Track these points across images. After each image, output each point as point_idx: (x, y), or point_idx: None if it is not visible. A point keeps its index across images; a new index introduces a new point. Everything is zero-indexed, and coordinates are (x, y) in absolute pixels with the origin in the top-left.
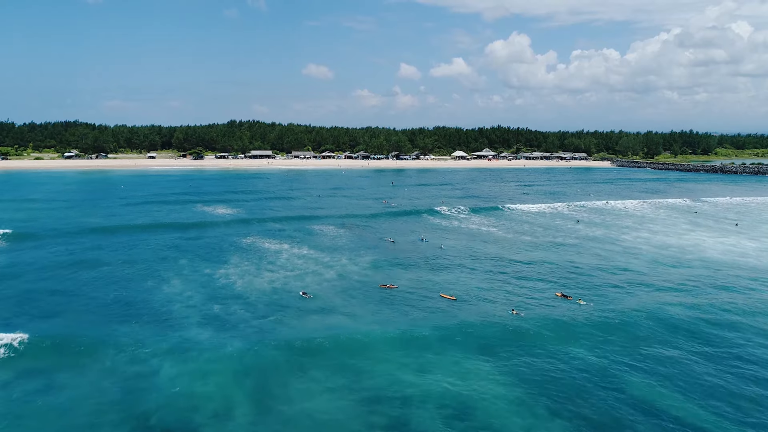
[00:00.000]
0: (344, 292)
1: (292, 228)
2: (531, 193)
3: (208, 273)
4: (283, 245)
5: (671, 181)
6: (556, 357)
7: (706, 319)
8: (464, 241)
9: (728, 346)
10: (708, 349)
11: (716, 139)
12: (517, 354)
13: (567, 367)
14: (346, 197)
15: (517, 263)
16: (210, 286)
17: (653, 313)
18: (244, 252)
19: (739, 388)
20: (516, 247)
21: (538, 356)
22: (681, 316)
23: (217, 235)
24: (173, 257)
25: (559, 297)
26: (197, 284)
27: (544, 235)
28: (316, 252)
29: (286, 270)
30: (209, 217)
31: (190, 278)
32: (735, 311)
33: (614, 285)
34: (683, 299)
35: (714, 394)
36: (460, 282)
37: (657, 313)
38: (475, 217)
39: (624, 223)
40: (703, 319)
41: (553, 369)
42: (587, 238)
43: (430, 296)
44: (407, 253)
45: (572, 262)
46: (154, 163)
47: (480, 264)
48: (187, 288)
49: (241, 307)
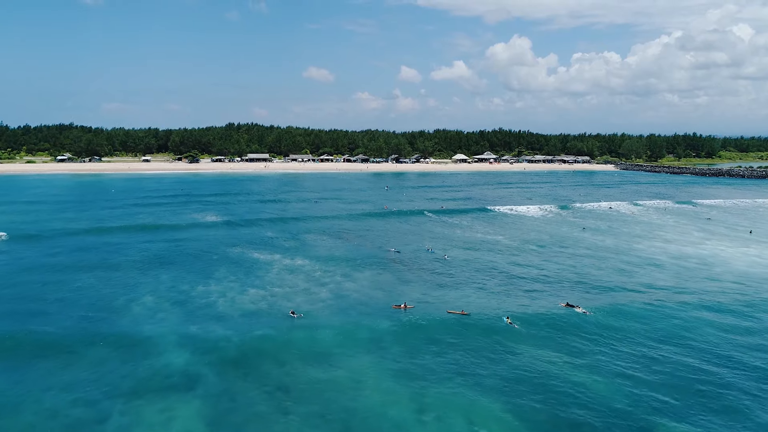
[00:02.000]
0: (341, 314)
1: (285, 236)
2: (534, 198)
3: (187, 288)
4: (275, 256)
5: (677, 186)
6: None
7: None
8: (470, 250)
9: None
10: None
11: (720, 142)
12: (543, 397)
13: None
14: (344, 202)
15: (526, 278)
16: (188, 304)
17: (696, 342)
18: (231, 264)
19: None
20: (524, 257)
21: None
22: (729, 343)
23: (205, 243)
24: (153, 269)
25: (564, 307)
26: (174, 302)
27: (551, 244)
28: (310, 264)
29: (275, 286)
30: (198, 223)
31: (167, 294)
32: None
33: (645, 303)
34: (725, 320)
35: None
36: (470, 298)
37: (699, 341)
38: (479, 224)
39: (633, 231)
40: (753, 346)
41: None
42: (599, 247)
43: (440, 316)
44: (411, 265)
45: (589, 276)
46: (148, 166)
47: (488, 278)
48: (162, 306)
49: (220, 331)
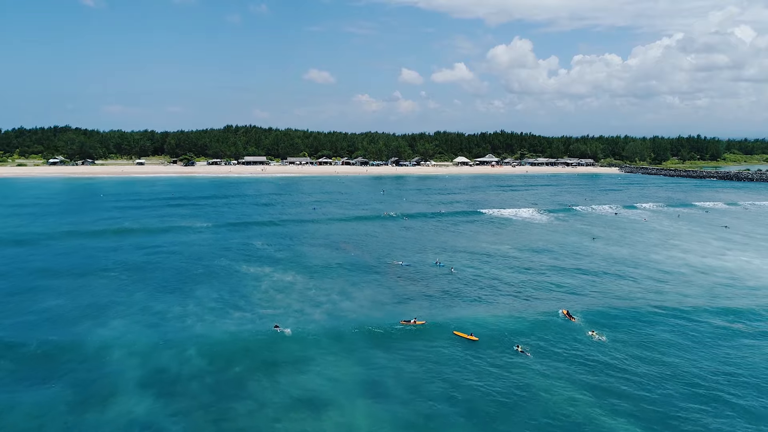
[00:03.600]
0: (336, 342)
1: (277, 246)
2: (539, 203)
3: (162, 310)
4: (264, 269)
5: (686, 190)
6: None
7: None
8: (477, 262)
9: None
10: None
11: (724, 145)
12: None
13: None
14: (341, 208)
15: (539, 296)
16: (160, 329)
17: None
18: (214, 279)
19: None
20: (535, 271)
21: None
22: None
23: (189, 254)
24: (128, 284)
25: (564, 315)
26: (146, 324)
27: (563, 255)
28: (304, 279)
29: (262, 307)
30: (186, 231)
31: (139, 317)
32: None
33: (685, 331)
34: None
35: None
36: (478, 317)
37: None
38: (484, 231)
39: (647, 240)
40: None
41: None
42: (614, 260)
43: (447, 338)
44: (415, 279)
45: (609, 293)
46: (142, 170)
47: (498, 295)
48: (130, 332)
49: (192, 368)
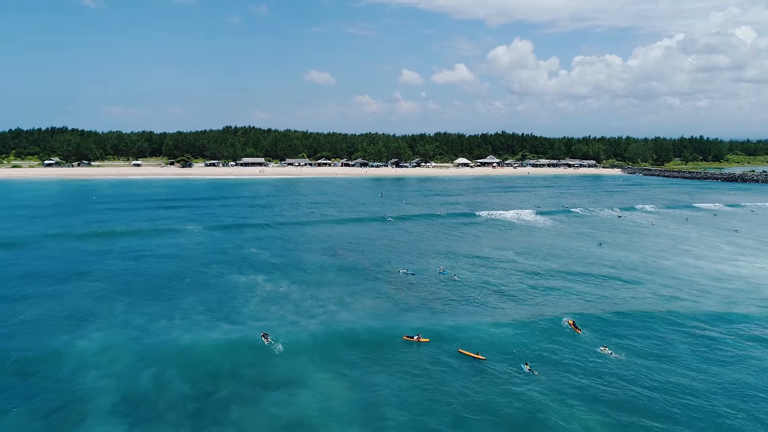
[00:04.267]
0: (331, 362)
1: (272, 252)
2: (542, 205)
3: (144, 323)
4: (258, 278)
5: (691, 192)
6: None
7: None
8: (480, 268)
9: None
10: None
11: (727, 146)
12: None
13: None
14: (340, 211)
15: (546, 305)
16: (143, 342)
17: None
18: (203, 289)
19: None
20: (542, 278)
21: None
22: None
23: (178, 260)
24: (110, 294)
25: (570, 326)
26: (127, 339)
27: (570, 262)
28: (299, 289)
29: (254, 319)
30: (176, 236)
31: (119, 331)
32: None
33: (708, 346)
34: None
35: None
36: (484, 332)
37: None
38: (486, 236)
39: (655, 245)
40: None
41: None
42: (624, 266)
43: (452, 356)
44: (417, 289)
45: (620, 303)
46: (138, 171)
47: (504, 304)
48: (111, 344)
49: (171, 393)
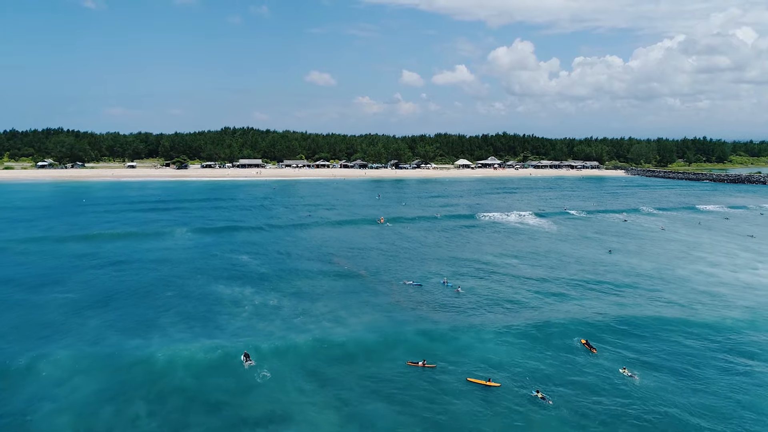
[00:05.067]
0: (326, 384)
1: (263, 260)
2: (546, 208)
3: (118, 342)
4: (246, 290)
5: (698, 195)
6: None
7: None
8: (485, 278)
9: None
10: None
11: (730, 147)
12: None
13: None
14: (337, 214)
15: (560, 321)
16: (110, 368)
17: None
18: (186, 303)
19: None
20: (551, 288)
21: None
22: None
23: (162, 269)
24: (84, 307)
25: (584, 345)
26: (94, 362)
27: (578, 270)
28: (290, 302)
29: (239, 337)
30: (161, 242)
31: (89, 349)
32: None
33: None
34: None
35: None
36: (492, 353)
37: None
38: (489, 242)
39: (668, 252)
40: None
41: None
42: (638, 275)
43: (459, 384)
44: (418, 302)
45: (637, 317)
46: (132, 173)
47: (512, 320)
48: (75, 369)
49: (141, 424)
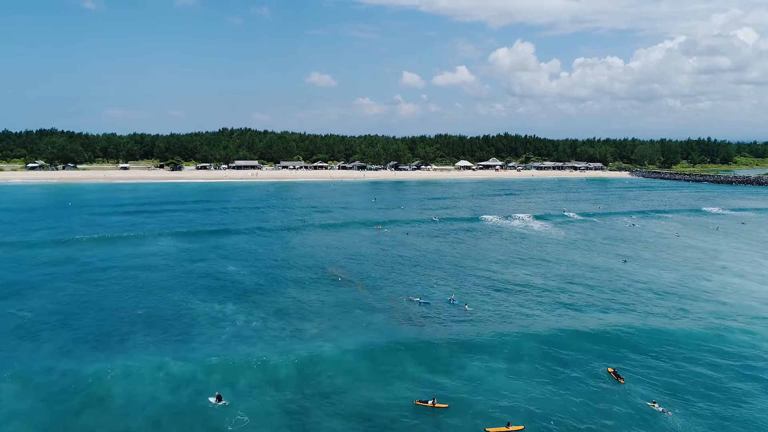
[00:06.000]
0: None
1: (249, 271)
2: (551, 212)
3: (74, 367)
4: (227, 308)
5: (708, 197)
6: None
7: None
8: (493, 292)
9: None
10: None
11: (734, 148)
12: None
13: None
14: (334, 219)
15: (575, 348)
16: (59, 407)
17: None
18: (158, 323)
19: None
20: (565, 306)
21: None
22: None
23: (136, 282)
24: (42, 326)
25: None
26: (40, 399)
27: (593, 283)
28: (277, 323)
29: (211, 367)
30: (141, 248)
31: (36, 379)
32: None
33: None
34: None
35: None
36: (502, 385)
37: None
38: (495, 249)
39: (687, 260)
40: None
41: None
42: (660, 288)
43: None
44: (423, 321)
45: (666, 340)
46: (125, 175)
47: (526, 345)
48: (12, 412)
49: None
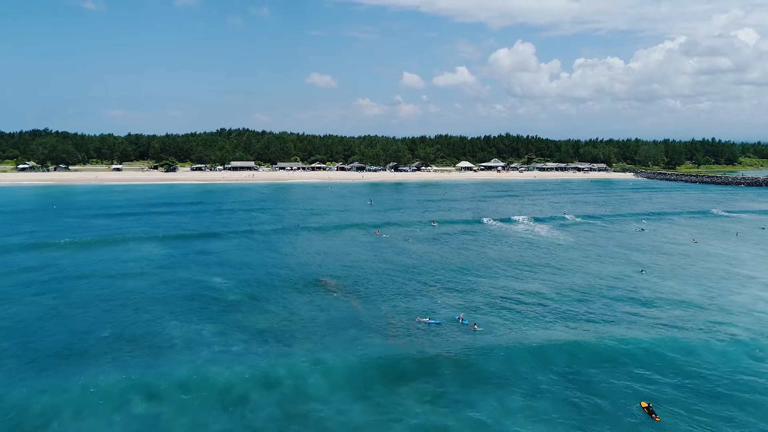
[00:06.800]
0: None
1: (232, 284)
2: (556, 216)
3: (19, 402)
4: (204, 329)
5: (719, 199)
6: None
7: None
8: (503, 312)
9: None
10: None
11: (739, 148)
12: None
13: None
14: (330, 223)
15: (599, 378)
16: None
17: None
18: (122, 347)
19: None
20: (584, 325)
21: None
22: None
23: (107, 296)
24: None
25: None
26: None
27: (611, 297)
28: (260, 348)
29: (177, 413)
30: (119, 255)
31: None
32: None
33: None
34: None
35: None
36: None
37: None
38: (501, 259)
39: (710, 271)
40: None
41: None
42: (684, 304)
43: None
44: (428, 344)
45: (703, 368)
46: (117, 176)
47: (547, 377)
48: None
49: None
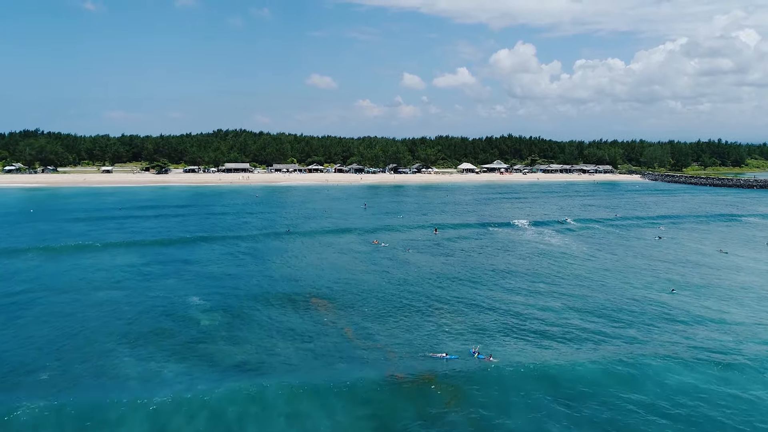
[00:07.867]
0: None
1: (215, 304)
2: (565, 222)
3: None
4: (166, 366)
5: (735, 203)
6: None
7: None
8: (520, 340)
9: None
10: None
11: (745, 149)
12: None
13: None
14: (324, 230)
15: (640, 417)
16: None
17: None
18: (62, 391)
19: None
20: (615, 355)
21: None
22: None
23: (59, 319)
24: None
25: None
26: None
27: (643, 320)
28: (243, 388)
29: None
30: (89, 268)
31: None
32: None
33: None
34: None
35: None
36: None
37: None
38: (512, 273)
39: (746, 286)
40: None
41: None
42: (728, 326)
43: None
44: (431, 385)
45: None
46: (107, 179)
47: (578, 426)
48: None
49: None
